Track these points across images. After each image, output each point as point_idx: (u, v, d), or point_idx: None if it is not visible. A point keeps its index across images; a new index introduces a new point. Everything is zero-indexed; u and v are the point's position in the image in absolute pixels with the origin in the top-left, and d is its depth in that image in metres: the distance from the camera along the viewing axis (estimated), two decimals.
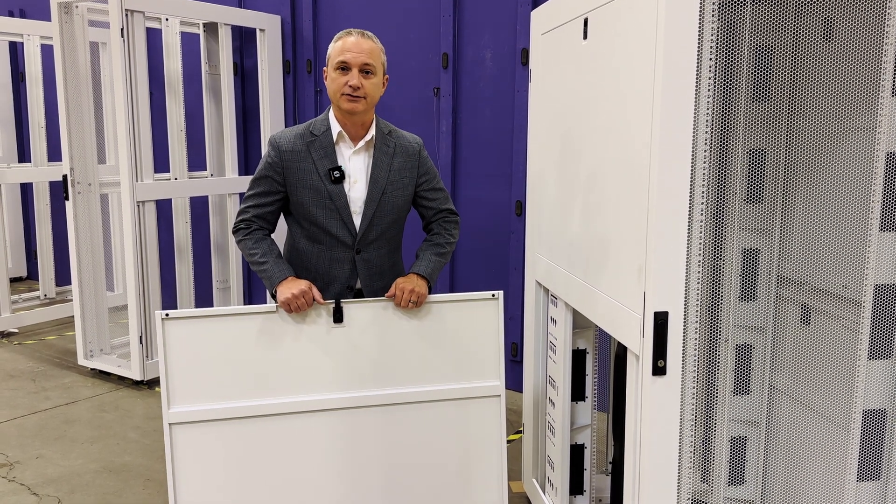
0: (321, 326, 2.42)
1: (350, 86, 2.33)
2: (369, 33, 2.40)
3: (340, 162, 2.41)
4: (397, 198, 2.47)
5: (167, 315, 2.34)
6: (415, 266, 2.51)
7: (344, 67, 2.35)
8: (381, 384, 2.47)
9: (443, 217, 2.61)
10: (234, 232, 2.48)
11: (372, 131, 2.44)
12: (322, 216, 2.40)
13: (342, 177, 2.40)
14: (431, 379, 2.50)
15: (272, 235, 2.53)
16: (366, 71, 2.36)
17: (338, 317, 2.41)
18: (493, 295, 2.52)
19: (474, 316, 2.51)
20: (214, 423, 2.38)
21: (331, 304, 2.42)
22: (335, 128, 2.41)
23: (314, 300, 2.38)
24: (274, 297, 2.41)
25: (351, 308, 2.44)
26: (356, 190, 2.43)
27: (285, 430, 2.43)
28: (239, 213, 2.49)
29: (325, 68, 2.46)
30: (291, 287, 2.36)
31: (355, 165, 2.43)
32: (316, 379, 2.43)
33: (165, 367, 2.34)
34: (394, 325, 2.46)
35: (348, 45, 2.36)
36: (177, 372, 2.35)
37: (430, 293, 2.50)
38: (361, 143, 2.42)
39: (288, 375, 2.41)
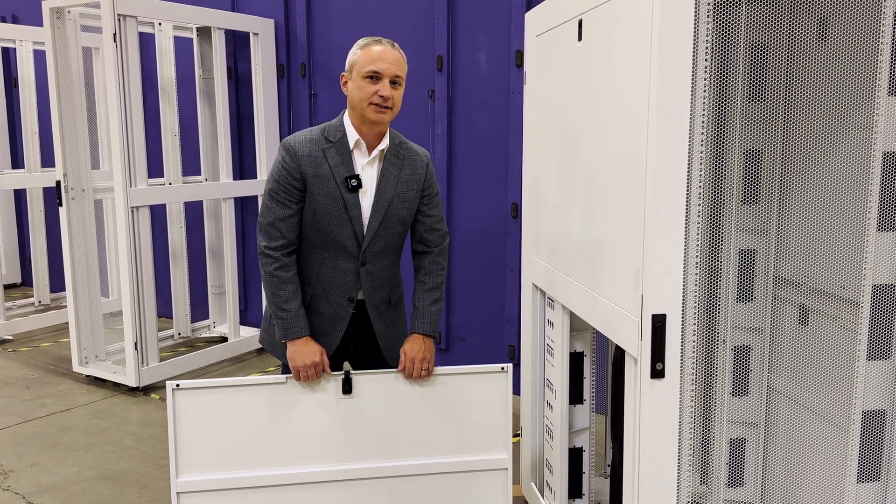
0: (330, 397, 2.43)
1: (381, 96, 2.28)
2: (396, 44, 2.36)
3: (357, 172, 2.37)
4: (402, 210, 2.43)
5: (178, 385, 2.36)
6: (417, 324, 2.49)
7: (374, 77, 2.29)
8: (389, 456, 2.48)
9: (434, 242, 2.54)
10: (263, 256, 2.36)
11: (386, 141, 2.40)
12: (334, 225, 2.36)
13: (359, 185, 2.35)
14: (439, 451, 2.51)
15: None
16: (394, 82, 2.32)
17: (347, 388, 2.43)
18: (503, 368, 2.52)
19: (482, 388, 2.52)
20: (223, 493, 2.39)
21: (340, 376, 2.43)
22: (353, 135, 2.36)
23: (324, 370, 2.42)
24: (283, 342, 2.42)
25: (360, 379, 2.44)
26: (366, 200, 2.39)
27: (293, 501, 2.43)
28: (265, 230, 2.37)
29: (344, 73, 2.38)
30: (304, 356, 2.36)
31: (367, 175, 2.38)
32: (324, 450, 2.44)
33: (175, 436, 2.36)
34: (402, 396, 2.47)
35: (379, 54, 2.29)
36: (186, 441, 2.37)
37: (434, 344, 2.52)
38: (375, 152, 2.38)
39: (296, 446, 2.42)
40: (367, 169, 2.39)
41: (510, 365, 2.53)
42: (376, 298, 2.48)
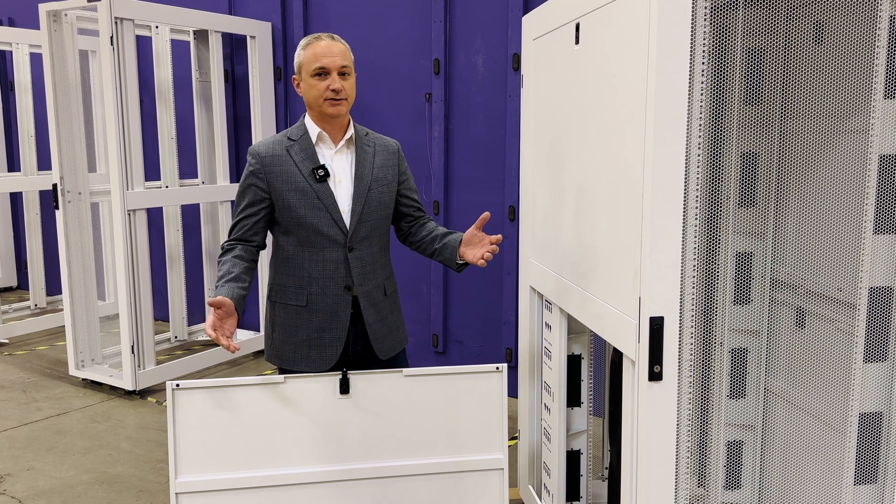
0: (327, 397, 2.44)
1: (333, 90, 2.36)
2: (336, 36, 2.44)
3: (322, 162, 2.44)
4: (383, 194, 2.50)
5: (178, 385, 2.36)
6: (457, 235, 2.45)
7: (322, 73, 2.38)
8: (386, 456, 2.48)
9: (425, 213, 2.65)
10: (220, 252, 2.51)
11: (351, 130, 2.48)
12: (312, 217, 2.41)
13: (327, 175, 2.42)
14: (435, 451, 2.51)
15: (262, 251, 2.53)
16: (343, 73, 2.40)
17: (344, 388, 2.43)
18: (497, 368, 2.53)
19: (478, 388, 2.52)
20: (221, 494, 2.40)
21: (337, 376, 2.44)
22: (314, 130, 2.45)
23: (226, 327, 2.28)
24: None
25: (357, 379, 2.45)
26: (342, 189, 2.45)
27: (292, 501, 2.44)
28: (230, 231, 2.50)
29: (294, 77, 2.48)
30: (210, 316, 2.25)
31: (339, 165, 2.46)
32: (322, 450, 2.45)
33: (174, 436, 2.36)
34: (399, 396, 2.48)
35: (323, 49, 2.38)
36: (185, 441, 2.37)
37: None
38: (342, 142, 2.47)
39: (295, 446, 2.43)
40: (337, 159, 2.46)
41: (505, 365, 2.54)
42: (370, 286, 2.50)
